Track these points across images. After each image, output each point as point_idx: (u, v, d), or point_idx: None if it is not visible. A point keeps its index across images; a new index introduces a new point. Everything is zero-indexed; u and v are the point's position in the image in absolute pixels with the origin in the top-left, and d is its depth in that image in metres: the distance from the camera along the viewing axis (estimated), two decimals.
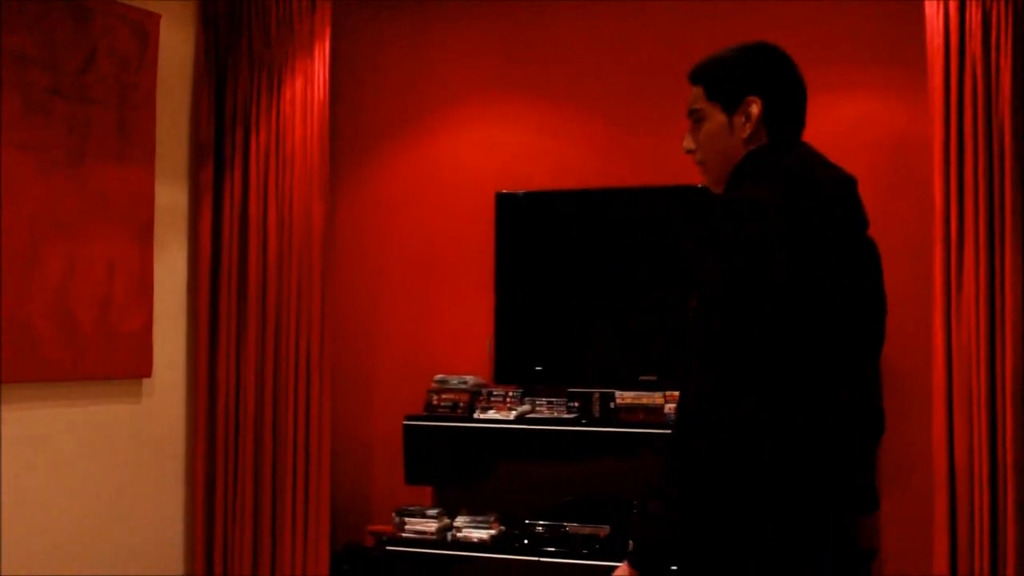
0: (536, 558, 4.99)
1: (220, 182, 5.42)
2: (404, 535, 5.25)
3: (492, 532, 5.17)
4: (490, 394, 5.30)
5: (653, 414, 4.97)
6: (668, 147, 4.82)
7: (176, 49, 5.36)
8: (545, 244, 5.38)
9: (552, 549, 5.00)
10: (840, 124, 5.00)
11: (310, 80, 5.32)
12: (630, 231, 5.26)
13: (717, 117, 2.45)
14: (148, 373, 5.19)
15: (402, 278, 5.75)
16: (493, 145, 5.61)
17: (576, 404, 5.17)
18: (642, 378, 5.06)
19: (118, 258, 5.00)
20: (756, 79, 2.43)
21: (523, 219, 5.40)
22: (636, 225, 5.26)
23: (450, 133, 5.70)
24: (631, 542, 2.35)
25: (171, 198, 5.33)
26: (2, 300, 4.50)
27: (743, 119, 2.42)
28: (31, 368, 4.64)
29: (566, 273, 5.34)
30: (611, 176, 5.33)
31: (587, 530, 5.06)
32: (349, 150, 5.82)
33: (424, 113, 5.73)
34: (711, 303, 2.23)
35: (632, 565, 2.30)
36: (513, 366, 5.35)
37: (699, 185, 4.63)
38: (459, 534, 5.20)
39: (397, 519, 5.30)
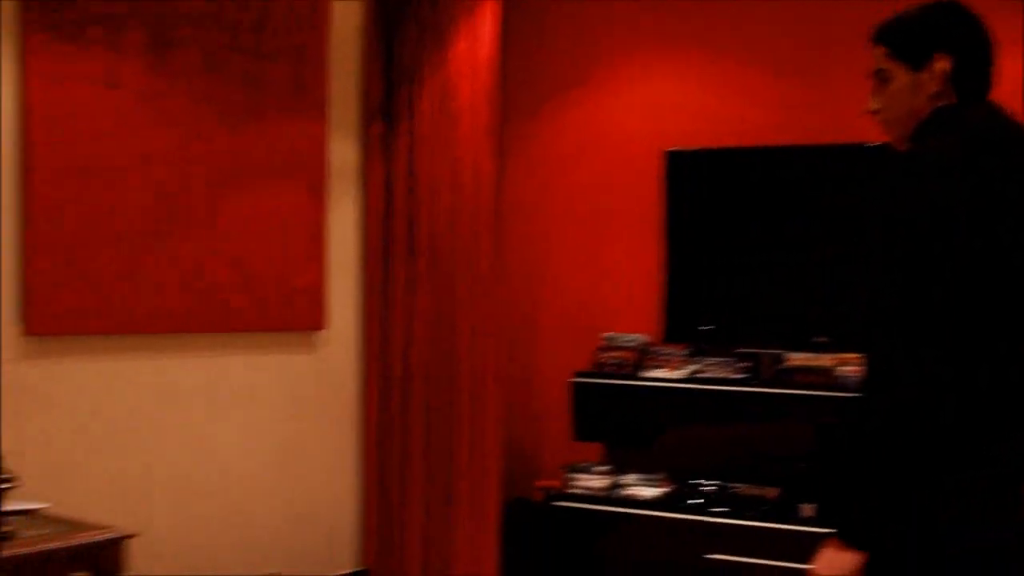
0: (703, 518, 4.94)
1: (390, 139, 5.48)
2: (572, 491, 5.27)
3: (660, 490, 5.15)
4: (658, 352, 5.26)
5: (824, 376, 4.86)
6: (842, 103, 4.68)
7: (346, 8, 5.43)
8: (715, 202, 5.29)
9: (720, 509, 4.95)
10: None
11: (478, 39, 5.32)
12: (803, 189, 5.12)
13: (902, 76, 2.42)
14: (322, 325, 5.31)
15: (571, 235, 5.74)
16: (661, 101, 5.54)
17: (745, 364, 5.10)
18: (814, 340, 4.95)
19: (293, 212, 5.13)
20: (943, 37, 2.39)
21: (693, 176, 5.32)
22: (810, 183, 5.12)
23: (619, 89, 5.64)
24: (832, 516, 2.30)
25: (343, 154, 5.42)
26: (185, 252, 4.67)
27: (929, 77, 2.39)
28: (213, 318, 4.81)
29: (737, 232, 5.24)
30: (782, 133, 5.20)
31: (755, 491, 4.99)
32: (519, 107, 5.82)
33: (593, 70, 5.69)
34: (894, 262, 2.20)
35: (848, 542, 2.25)
36: (682, 325, 5.30)
37: (875, 143, 4.49)
38: (627, 491, 5.19)
39: (565, 475, 5.32)
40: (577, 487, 5.27)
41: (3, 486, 3.61)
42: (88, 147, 4.37)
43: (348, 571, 5.47)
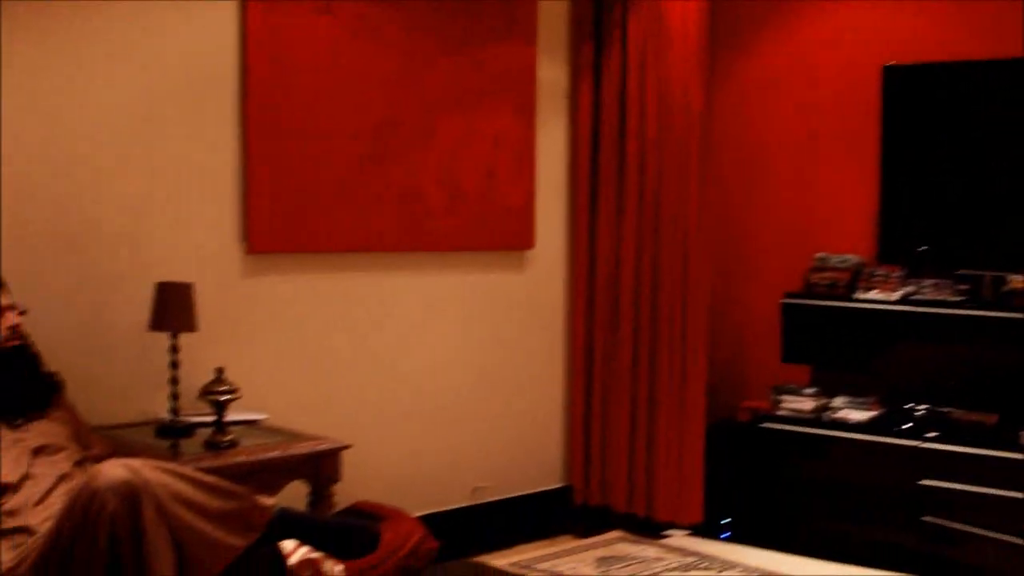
0: (916, 443, 4.84)
1: (599, 61, 5.46)
2: (779, 412, 5.23)
3: (870, 414, 5.06)
4: (872, 274, 5.14)
5: None
6: None
7: None
8: (934, 118, 5.09)
9: (934, 434, 4.83)
10: None
11: None
12: None
13: None
14: (531, 245, 5.38)
15: (782, 155, 5.62)
16: (878, 16, 5.33)
17: (964, 286, 4.92)
18: None
19: (503, 133, 5.19)
20: None
21: (911, 93, 5.13)
22: None
23: (834, 5, 5.46)
24: None
25: (552, 76, 5.43)
26: (398, 173, 4.80)
27: None
28: (424, 238, 4.94)
29: (956, 149, 5.04)
30: (1004, 46, 4.94)
31: (973, 417, 4.85)
32: (730, 28, 5.71)
33: None
34: None
35: None
36: (897, 245, 5.15)
37: None
38: (836, 414, 5.12)
39: (773, 396, 5.28)
40: (785, 409, 5.23)
41: (226, 397, 3.83)
42: (305, 73, 4.52)
43: (551, 487, 5.58)
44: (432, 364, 5.07)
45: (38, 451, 3.19)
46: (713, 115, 5.51)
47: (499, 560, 4.90)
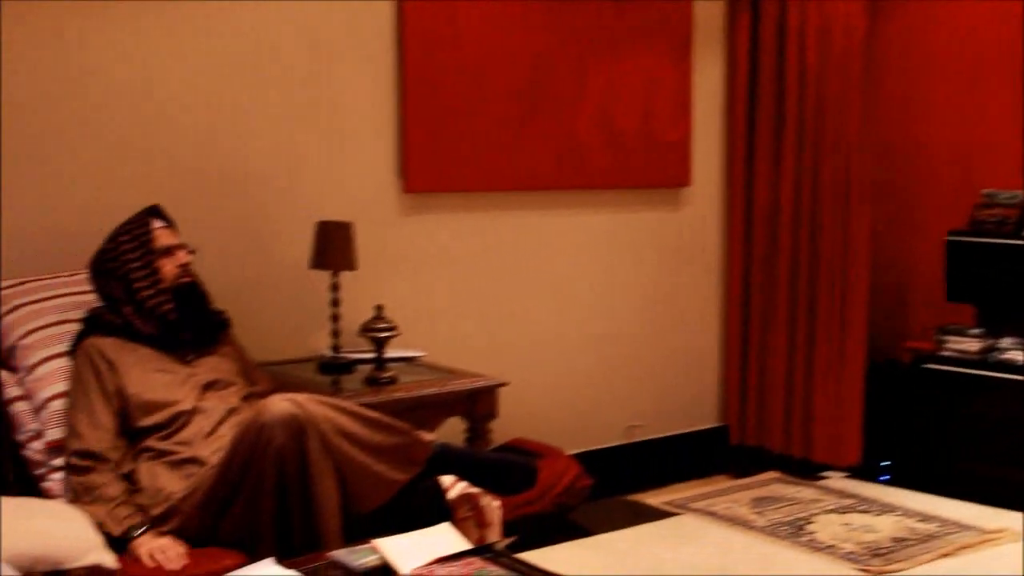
0: None
1: None
2: (943, 353, 5.10)
3: None
4: None
5: None
6: None
7: None
8: None
9: None
10: None
11: None
12: None
13: None
14: (688, 182, 5.33)
15: (947, 86, 5.42)
16: None
17: None
18: None
19: (658, 71, 5.12)
20: None
21: None
22: None
23: None
24: None
25: (708, 13, 5.33)
26: (554, 113, 4.79)
27: None
28: (579, 176, 4.92)
29: None
30: None
31: None
32: None
33: None
34: None
35: None
36: None
37: None
38: (1003, 356, 4.96)
39: (937, 337, 5.14)
40: (949, 350, 5.09)
41: (386, 335, 3.90)
42: (460, 14, 4.52)
43: (706, 427, 5.56)
44: (587, 303, 5.07)
45: (208, 386, 3.30)
46: (877, 44, 5.33)
47: (653, 499, 4.91)
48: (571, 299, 5.01)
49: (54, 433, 3.17)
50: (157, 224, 3.42)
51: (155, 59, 3.87)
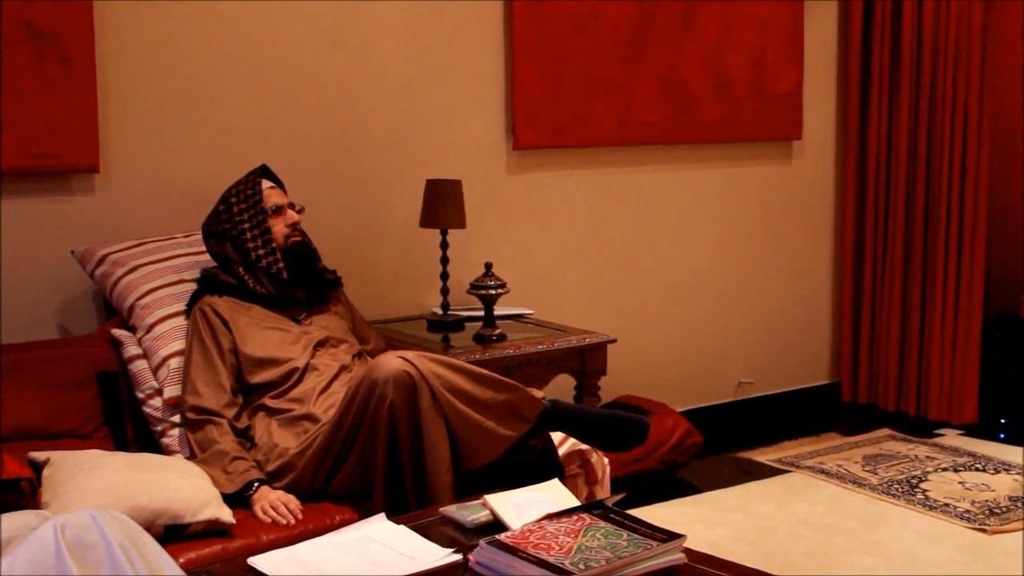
0: None
1: None
2: None
3: None
4: None
5: None
6: None
7: None
8: None
9: None
10: None
11: None
12: None
13: None
14: (798, 135, 5.24)
15: None
16: None
17: None
18: None
19: (770, 19, 5.03)
20: None
21: None
22: None
23: None
24: None
25: None
26: (661, 65, 4.74)
27: None
28: (688, 129, 4.87)
29: None
30: None
31: None
32: None
33: None
34: None
35: None
36: None
37: None
38: None
39: None
40: None
41: (495, 292, 3.91)
42: None
43: (818, 384, 5.49)
44: (697, 257, 5.03)
45: (320, 344, 3.35)
46: None
47: (763, 456, 4.88)
48: (679, 255, 4.98)
49: (172, 391, 3.24)
50: (266, 184, 3.46)
51: (269, 24, 3.90)
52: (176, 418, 3.24)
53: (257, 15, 3.88)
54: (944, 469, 4.63)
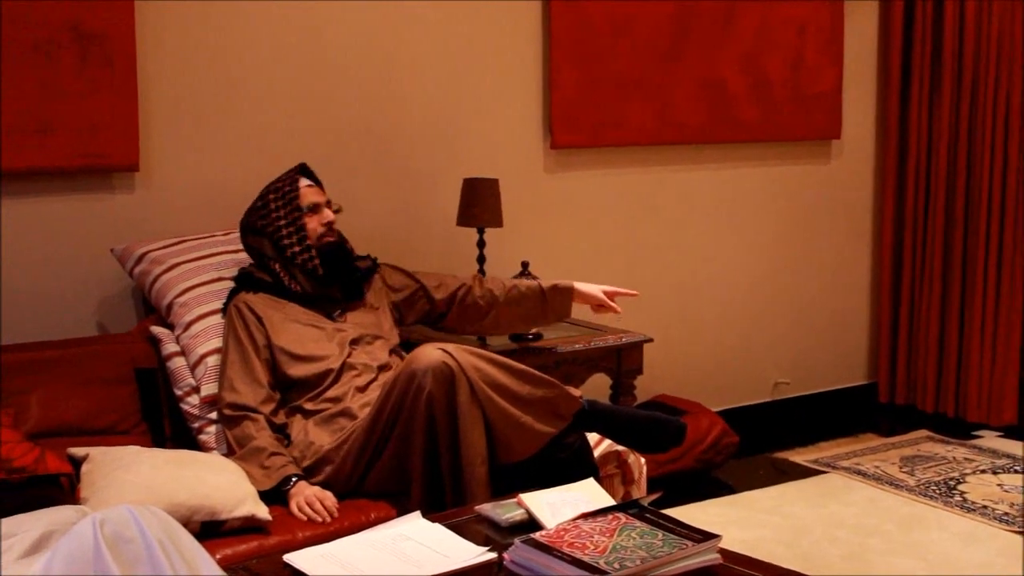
0: None
1: None
2: None
3: None
4: None
5: None
6: None
7: None
8: None
9: None
10: None
11: None
12: None
13: None
14: (837, 135, 5.21)
15: None
16: None
17: None
18: None
19: (809, 19, 5.01)
20: None
21: None
22: None
23: None
24: None
25: None
26: (699, 64, 4.73)
27: None
28: (726, 128, 4.86)
29: None
30: None
31: None
32: None
33: None
34: None
35: None
36: None
37: None
38: None
39: None
40: None
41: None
42: None
43: (855, 384, 5.46)
44: (735, 257, 5.02)
45: (355, 342, 3.36)
46: None
47: (799, 457, 4.85)
48: (717, 255, 4.96)
49: (208, 388, 3.27)
50: (304, 182, 3.46)
51: (307, 25, 3.92)
52: (213, 415, 3.26)
53: (296, 15, 3.90)
54: (983, 471, 4.59)
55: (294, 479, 3.03)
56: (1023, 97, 4.94)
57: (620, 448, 3.33)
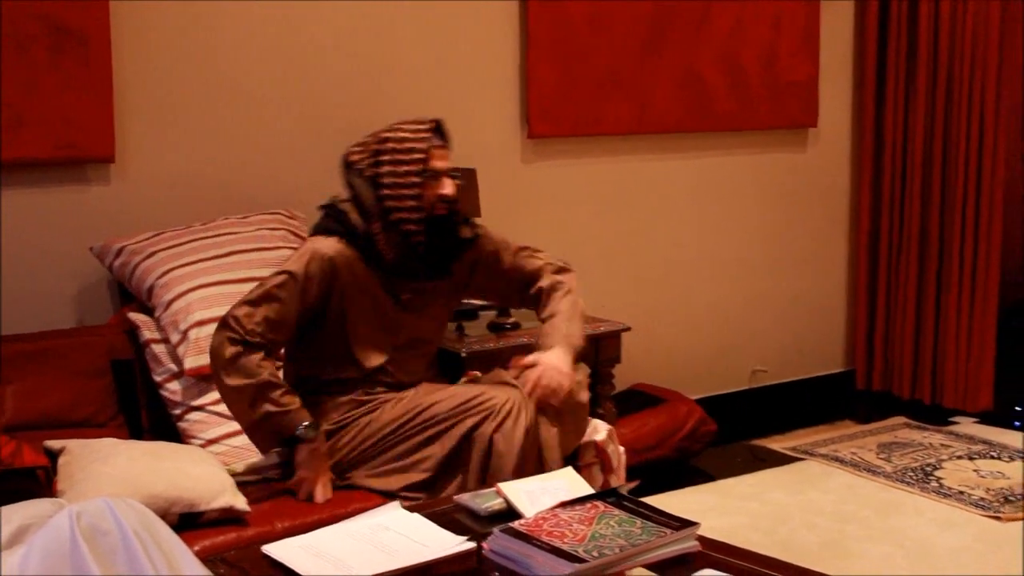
0: None
1: None
2: None
3: None
4: None
5: None
6: None
7: None
8: None
9: None
10: None
11: None
12: None
13: None
14: (814, 123, 5.22)
15: None
16: None
17: None
18: None
19: (785, 11, 5.01)
20: None
21: None
22: None
23: None
24: None
25: None
26: (676, 54, 4.73)
27: None
28: (703, 117, 4.86)
29: None
30: None
31: None
32: None
33: None
34: None
35: None
36: None
37: None
38: None
39: None
40: None
41: None
42: None
43: (832, 372, 5.48)
44: (712, 246, 5.03)
45: (406, 344, 3.22)
46: None
47: (777, 444, 4.87)
48: (694, 243, 4.97)
49: (194, 360, 3.19)
50: (436, 142, 3.12)
51: (285, 17, 3.91)
52: (195, 401, 3.22)
53: (273, 8, 3.88)
54: (959, 457, 4.62)
55: (312, 431, 2.96)
56: (997, 87, 4.96)
57: (599, 438, 3.33)
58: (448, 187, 3.10)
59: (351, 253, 3.07)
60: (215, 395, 3.17)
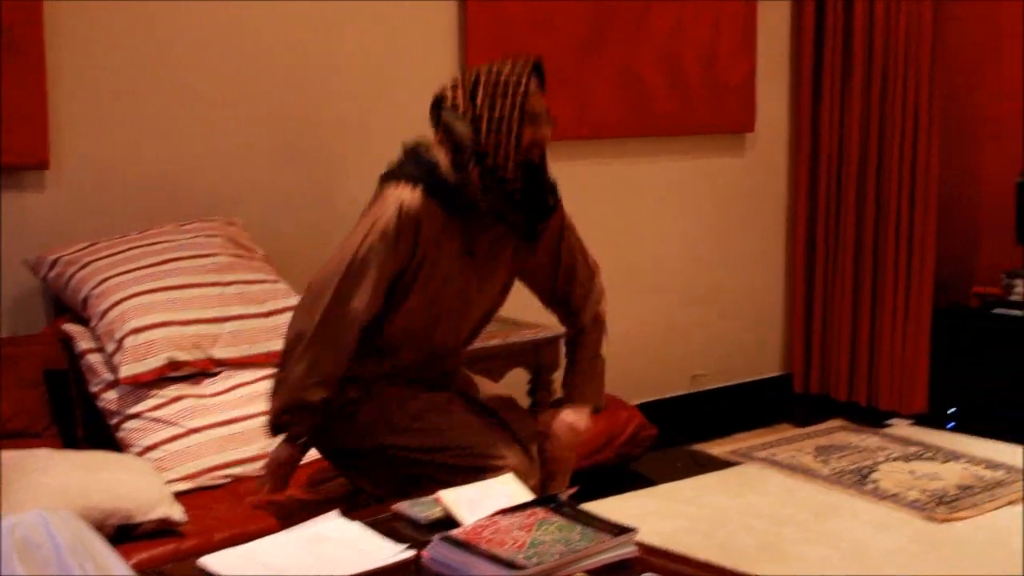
0: None
1: None
2: (1011, 298, 5.04)
3: None
4: None
5: None
6: None
7: None
8: None
9: None
10: None
11: None
12: None
13: None
14: (751, 128, 5.27)
15: (1018, 24, 5.30)
16: None
17: None
18: None
19: (723, 12, 5.05)
20: None
21: None
22: None
23: None
24: None
25: None
26: (615, 57, 4.75)
27: None
28: (643, 122, 4.89)
29: None
30: None
31: None
32: None
33: None
34: None
35: None
36: None
37: None
38: None
39: (1006, 281, 5.09)
40: (1017, 294, 5.03)
41: None
42: None
43: (770, 375, 5.53)
44: (651, 251, 5.05)
45: (470, 325, 3.13)
46: None
47: (716, 448, 4.91)
48: (633, 248, 4.99)
49: (129, 369, 3.15)
50: (535, 84, 2.92)
51: (223, 18, 3.89)
52: (131, 409, 3.17)
53: (211, 7, 3.85)
54: (894, 459, 4.68)
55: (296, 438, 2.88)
56: (931, 91, 5.03)
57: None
58: (544, 133, 2.91)
59: (436, 209, 2.84)
60: (152, 402, 3.17)
